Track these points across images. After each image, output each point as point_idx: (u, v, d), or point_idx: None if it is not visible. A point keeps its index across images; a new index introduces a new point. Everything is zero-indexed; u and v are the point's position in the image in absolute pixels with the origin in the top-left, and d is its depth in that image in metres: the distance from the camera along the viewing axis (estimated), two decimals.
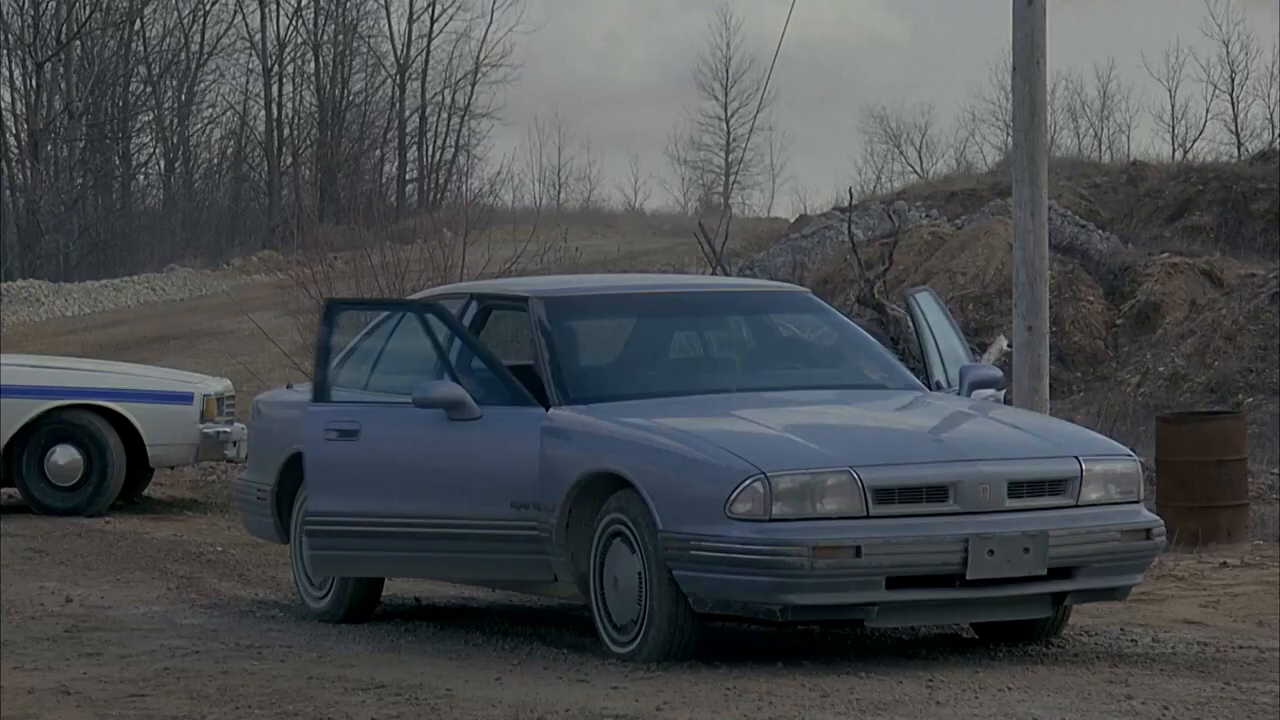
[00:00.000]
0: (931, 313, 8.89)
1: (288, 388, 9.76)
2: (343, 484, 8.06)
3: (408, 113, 49.89)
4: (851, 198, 26.76)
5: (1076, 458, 7.47)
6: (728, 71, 54.37)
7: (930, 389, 8.36)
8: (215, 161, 49.60)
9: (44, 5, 44.52)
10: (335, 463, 8.07)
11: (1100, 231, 26.93)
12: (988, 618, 7.56)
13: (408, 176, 50.68)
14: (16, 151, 44.18)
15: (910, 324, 10.30)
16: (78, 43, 44.77)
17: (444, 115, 50.28)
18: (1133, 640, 8.00)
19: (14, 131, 44.43)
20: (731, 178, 55.17)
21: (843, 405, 7.92)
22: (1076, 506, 7.40)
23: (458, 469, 7.87)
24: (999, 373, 8.59)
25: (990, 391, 8.64)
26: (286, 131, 48.94)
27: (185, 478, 14.51)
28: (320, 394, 8.19)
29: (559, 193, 54.08)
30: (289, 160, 49.18)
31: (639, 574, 7.35)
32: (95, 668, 7.42)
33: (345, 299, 8.31)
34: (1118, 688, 6.96)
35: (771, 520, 7.09)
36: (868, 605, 7.15)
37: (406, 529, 7.95)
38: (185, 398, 12.88)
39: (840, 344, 8.47)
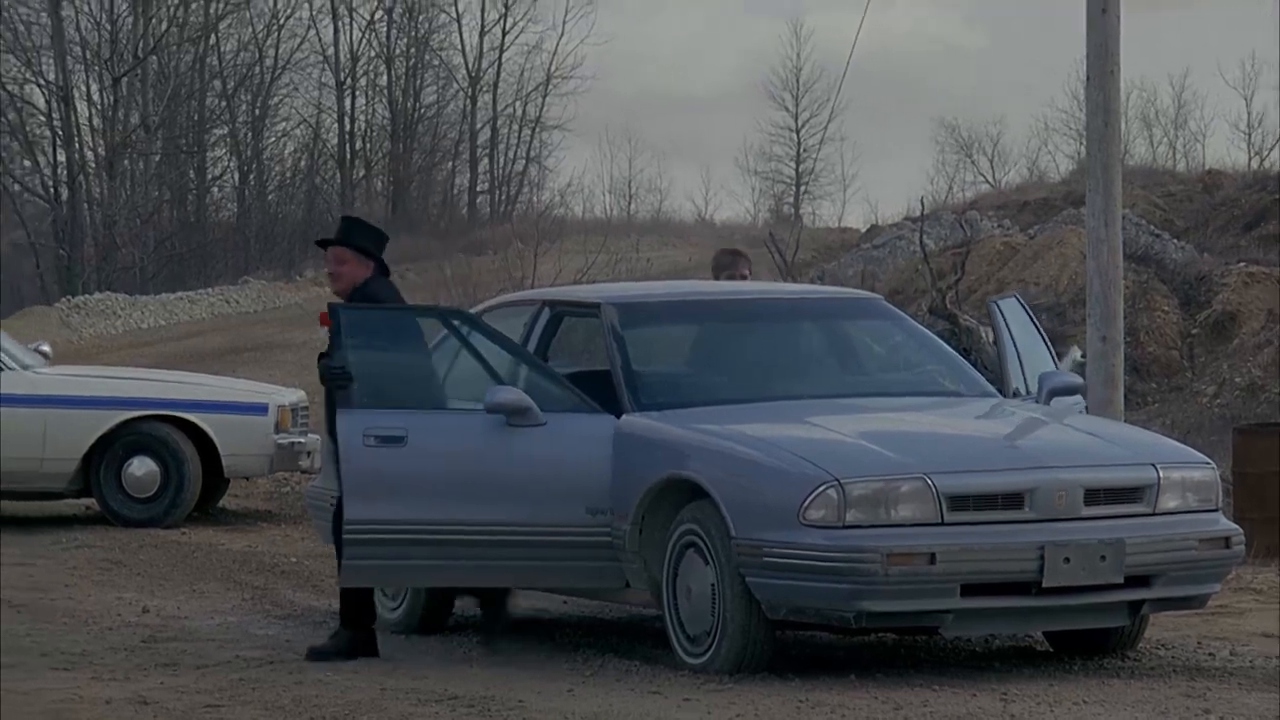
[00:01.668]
0: (1016, 320, 8.85)
1: None
2: (387, 491, 7.80)
3: (479, 125, 50.08)
4: (923, 207, 26.63)
5: (1154, 465, 7.41)
6: (798, 82, 54.28)
7: (1008, 397, 8.31)
8: (288, 174, 49.94)
9: (121, 21, 44.99)
10: (377, 469, 7.80)
11: (1175, 241, 26.72)
12: (1064, 626, 7.50)
13: (479, 188, 50.85)
14: (94, 166, 44.62)
15: (984, 333, 10.23)
16: (154, 58, 45.18)
17: (515, 127, 50.46)
18: (1210, 654, 7.91)
19: (92, 146, 44.90)
20: (802, 188, 55.08)
21: (917, 412, 7.88)
22: (1154, 515, 7.34)
23: (525, 475, 7.76)
24: (1080, 380, 8.57)
25: (1076, 399, 8.58)
26: (359, 144, 49.23)
27: (260, 489, 14.58)
28: (349, 400, 7.87)
29: (629, 204, 54.14)
30: (361, 173, 49.46)
31: (712, 585, 7.33)
32: (171, 678, 7.45)
33: (349, 305, 8.13)
34: (1195, 702, 6.89)
35: (845, 527, 7.06)
36: (942, 613, 7.11)
37: (466, 536, 7.79)
38: (260, 409, 12.94)
39: (914, 351, 8.43)
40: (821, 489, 7.07)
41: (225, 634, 8.62)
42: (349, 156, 48.88)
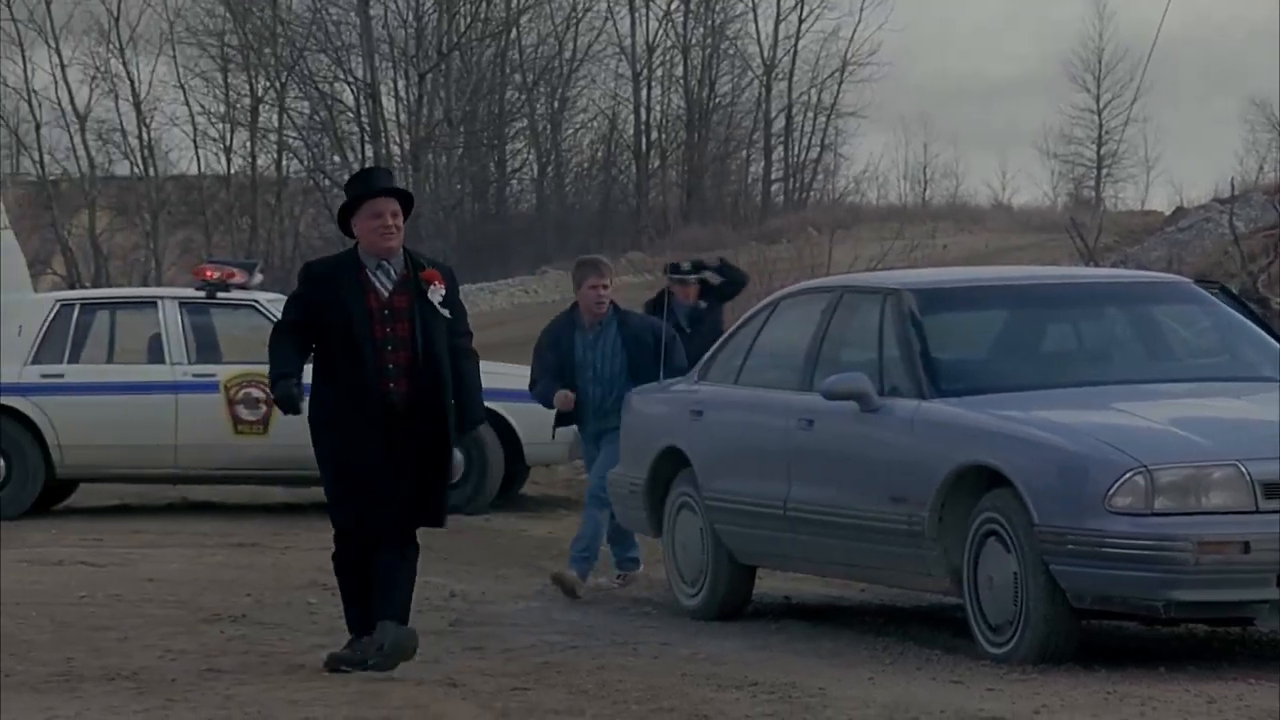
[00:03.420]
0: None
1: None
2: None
3: (774, 113, 50.08)
4: (1233, 188, 25.83)
5: None
6: (1100, 63, 53.08)
7: None
8: (585, 166, 50.57)
9: (426, 19, 46.06)
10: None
11: None
12: None
13: (773, 177, 50.87)
14: (399, 160, 45.79)
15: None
16: (457, 54, 46.17)
17: (810, 115, 50.32)
18: None
19: (397, 141, 46.09)
20: (1103, 171, 53.90)
21: (1228, 398, 7.68)
22: None
23: (848, 459, 7.93)
24: None
25: None
26: (655, 134, 49.61)
27: (559, 476, 14.78)
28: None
29: (924, 190, 53.56)
30: (657, 163, 49.83)
31: (1014, 574, 7.23)
32: (478, 661, 7.59)
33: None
34: None
35: (1153, 514, 6.91)
36: (1258, 603, 6.91)
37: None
38: None
39: (1224, 335, 8.21)
40: (1129, 475, 6.93)
41: (528, 618, 8.76)
42: (645, 147, 49.29)
